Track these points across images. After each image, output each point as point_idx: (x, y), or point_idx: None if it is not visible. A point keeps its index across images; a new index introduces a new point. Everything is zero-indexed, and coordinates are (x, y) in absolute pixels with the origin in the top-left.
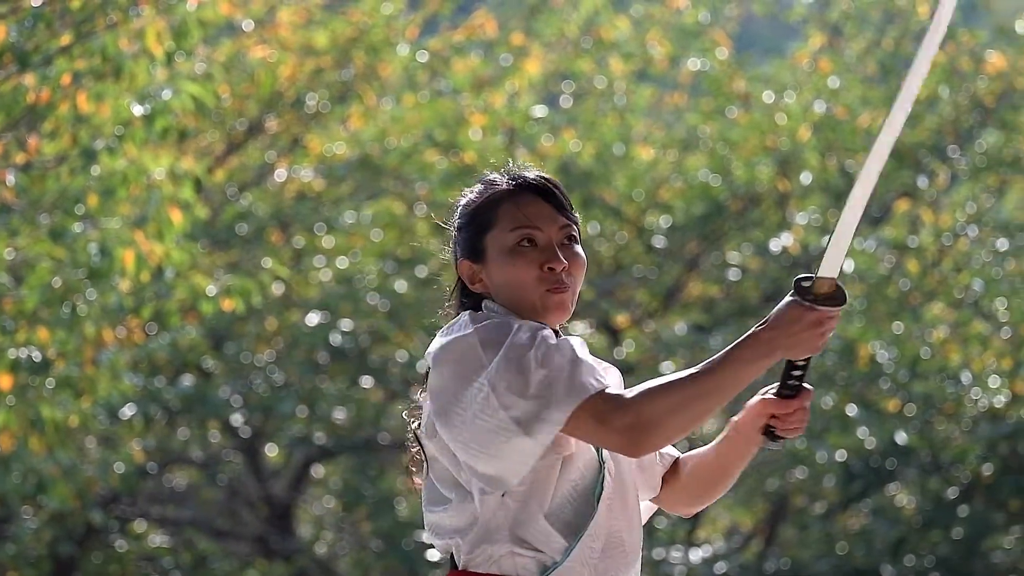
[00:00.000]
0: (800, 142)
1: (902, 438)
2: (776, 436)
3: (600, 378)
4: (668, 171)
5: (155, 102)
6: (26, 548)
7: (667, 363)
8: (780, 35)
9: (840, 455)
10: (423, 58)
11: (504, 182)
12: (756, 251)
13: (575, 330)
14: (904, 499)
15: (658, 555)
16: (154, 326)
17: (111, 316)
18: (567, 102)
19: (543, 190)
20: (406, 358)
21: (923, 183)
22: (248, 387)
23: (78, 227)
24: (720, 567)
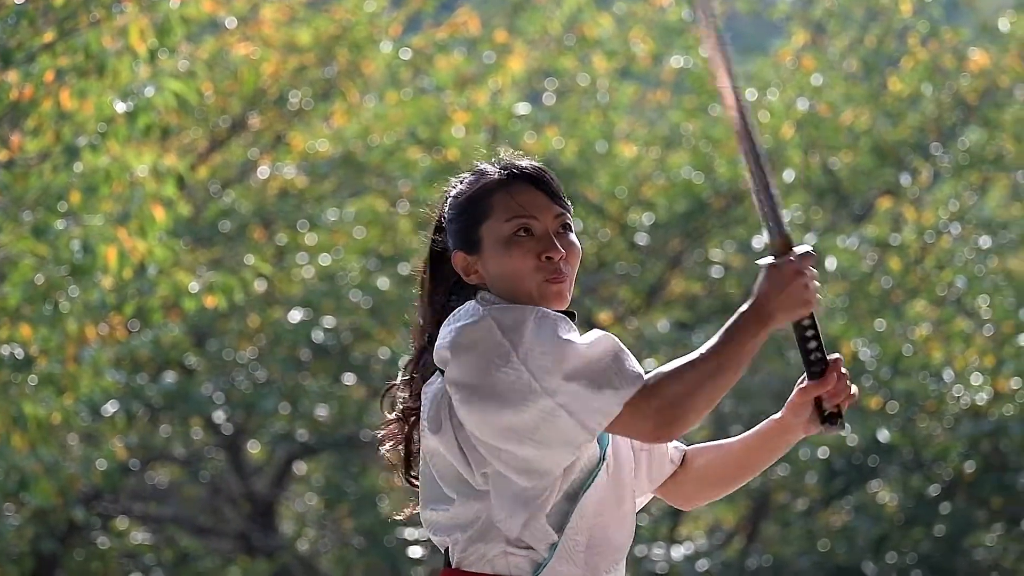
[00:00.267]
0: (783, 139)
1: (884, 435)
2: (831, 416)
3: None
4: (651, 168)
5: (138, 99)
6: (8, 545)
7: (650, 360)
8: (763, 33)
9: (822, 452)
10: (406, 55)
11: (496, 171)
12: (739, 248)
13: None
14: (886, 496)
15: (640, 552)
16: (137, 323)
17: (94, 313)
18: (550, 99)
19: (537, 178)
20: (388, 355)
21: (906, 181)
22: (230, 384)
23: (61, 224)
24: (702, 564)
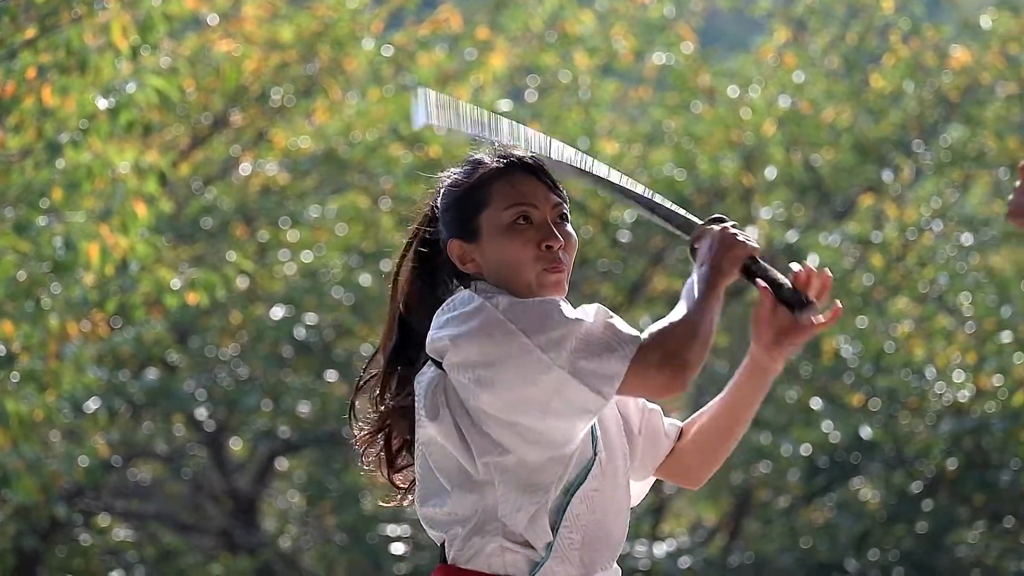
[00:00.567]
0: (765, 136)
1: (866, 432)
2: (798, 301)
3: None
4: (633, 165)
5: (120, 96)
6: None
7: None
8: (745, 30)
9: (804, 449)
10: (388, 52)
11: (494, 161)
12: None
13: None
14: (868, 493)
15: (622, 549)
16: (119, 320)
17: (76, 309)
18: (532, 96)
19: (536, 168)
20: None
21: (888, 178)
22: (212, 381)
23: (43, 220)
24: (684, 561)
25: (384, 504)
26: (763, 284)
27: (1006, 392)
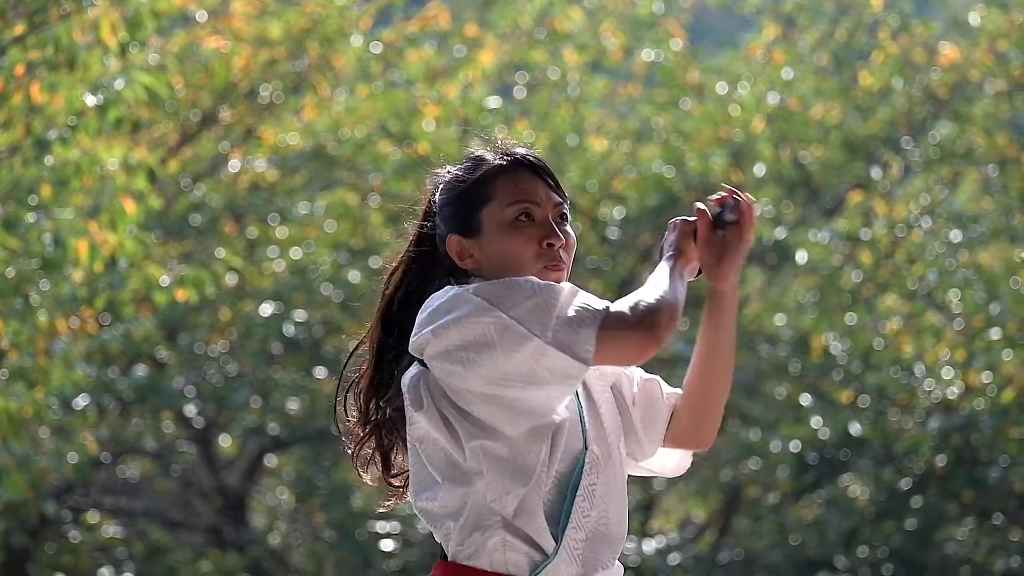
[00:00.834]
0: (754, 133)
1: (855, 429)
2: (720, 219)
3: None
4: (622, 162)
5: (109, 93)
6: None
7: None
8: (734, 26)
9: (794, 446)
10: (377, 49)
11: (496, 157)
12: None
13: None
14: (857, 490)
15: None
16: (107, 316)
17: (64, 306)
18: (521, 93)
19: (539, 166)
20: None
21: (876, 174)
22: (201, 377)
23: (31, 217)
24: (674, 558)
25: (385, 507)
26: (699, 207)
27: (995, 389)
